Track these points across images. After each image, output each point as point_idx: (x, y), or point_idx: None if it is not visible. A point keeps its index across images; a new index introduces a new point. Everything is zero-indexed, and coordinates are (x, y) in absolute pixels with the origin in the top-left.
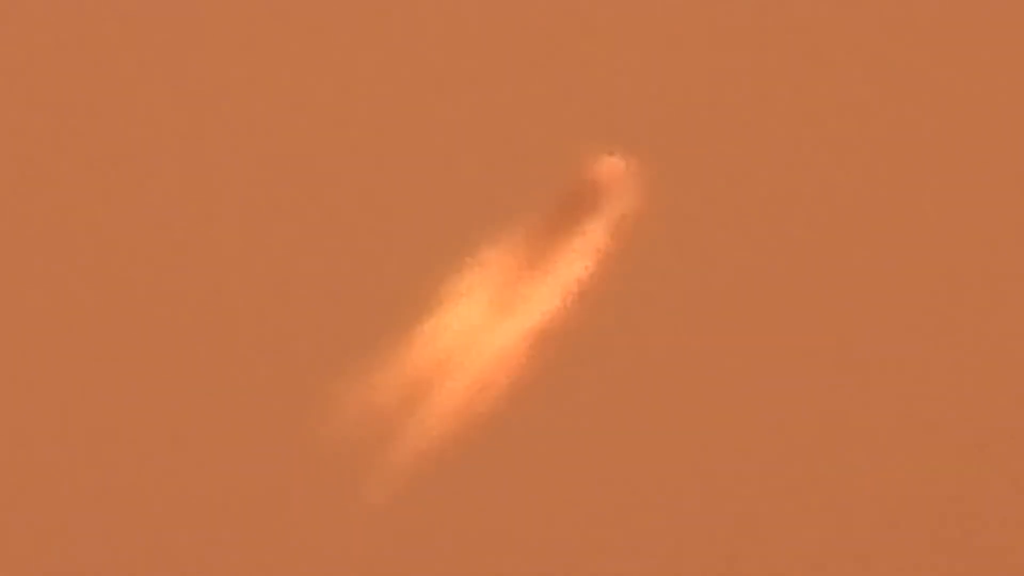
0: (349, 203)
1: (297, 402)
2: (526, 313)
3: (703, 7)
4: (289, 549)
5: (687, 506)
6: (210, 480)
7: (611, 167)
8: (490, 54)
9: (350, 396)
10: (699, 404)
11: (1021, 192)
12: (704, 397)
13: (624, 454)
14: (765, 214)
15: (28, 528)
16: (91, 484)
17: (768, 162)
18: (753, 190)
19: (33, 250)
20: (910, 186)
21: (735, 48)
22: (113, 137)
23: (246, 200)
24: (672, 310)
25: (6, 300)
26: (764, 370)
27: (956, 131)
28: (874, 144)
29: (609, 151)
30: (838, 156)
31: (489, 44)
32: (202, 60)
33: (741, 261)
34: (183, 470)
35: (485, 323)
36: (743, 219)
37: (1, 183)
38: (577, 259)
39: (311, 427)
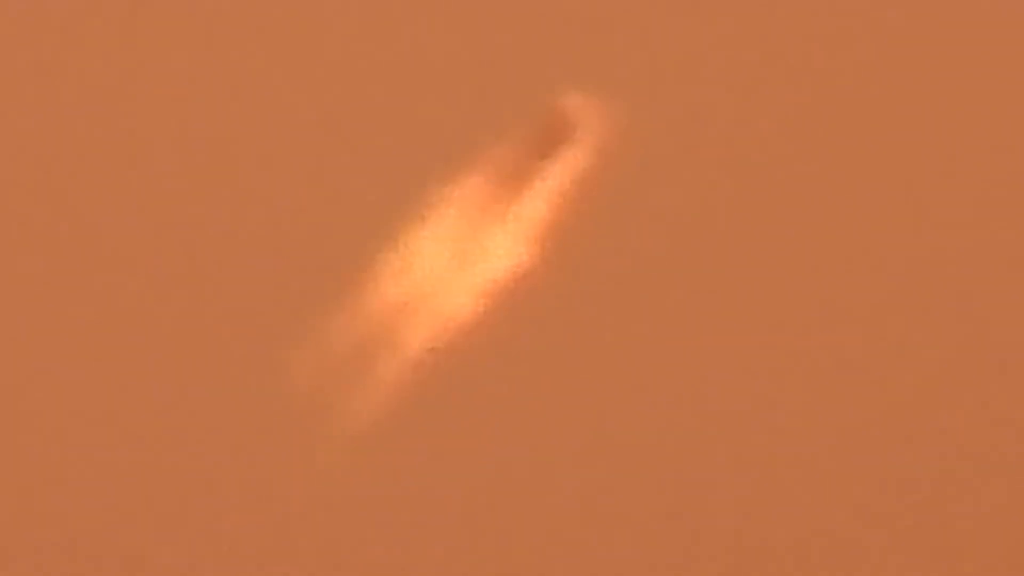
0: (312, 146)
1: (260, 349)
2: (489, 254)
3: None
4: (255, 496)
5: (646, 443)
6: (175, 429)
7: (577, 104)
8: None
9: (312, 343)
10: (662, 345)
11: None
12: (669, 340)
13: (586, 397)
14: (734, 153)
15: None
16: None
17: (738, 100)
18: (723, 128)
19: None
20: (884, 125)
21: None
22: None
23: (207, 140)
24: (637, 249)
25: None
26: (730, 312)
27: (945, 80)
28: (841, 76)
29: (576, 88)
30: (811, 90)
31: None
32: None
33: (709, 202)
34: (152, 419)
35: (448, 264)
36: (711, 159)
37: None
38: (541, 198)
39: (274, 374)
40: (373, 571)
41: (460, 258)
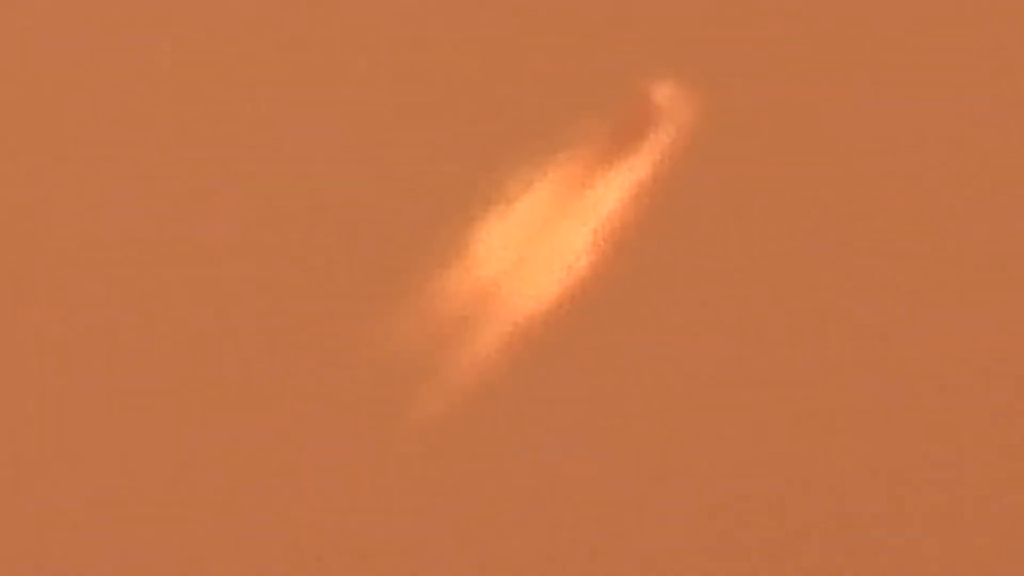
0: (392, 131)
1: (333, 343)
2: (567, 247)
3: None
4: (341, 469)
5: (719, 439)
6: (258, 404)
7: (663, 94)
8: None
9: (383, 336)
10: (738, 342)
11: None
12: (745, 338)
13: (658, 396)
14: (816, 145)
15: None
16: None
17: (824, 93)
18: (804, 120)
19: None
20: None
21: None
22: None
23: (281, 126)
24: (717, 242)
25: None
26: (809, 312)
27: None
28: (939, 74)
29: (661, 78)
30: (902, 86)
31: None
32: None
33: (788, 197)
34: (229, 397)
35: (526, 256)
36: (794, 153)
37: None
38: (622, 190)
39: (361, 349)
40: (446, 556)
41: (538, 250)
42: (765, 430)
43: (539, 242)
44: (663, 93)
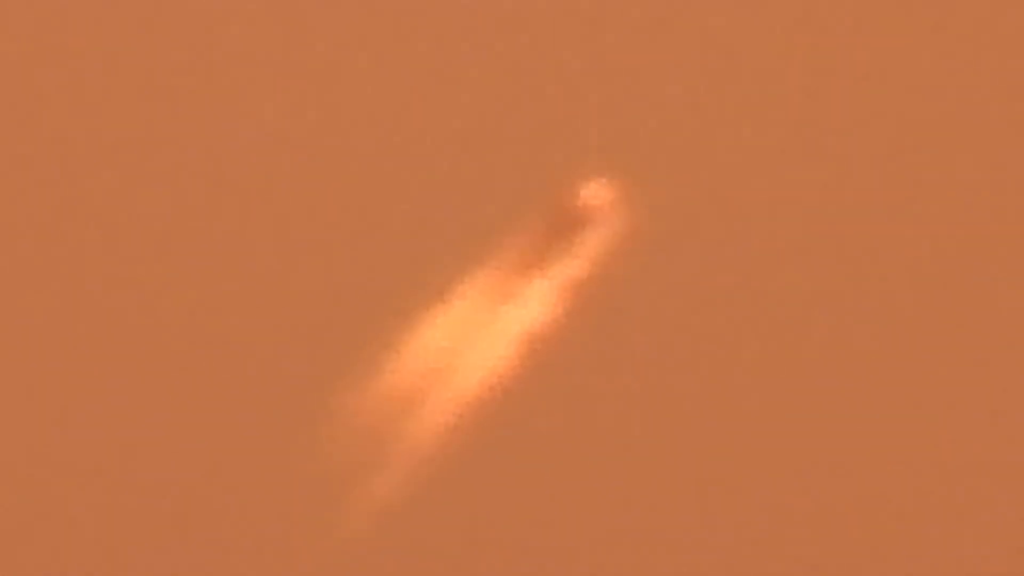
0: (341, 212)
1: (285, 424)
2: (499, 341)
3: (697, 27)
4: (284, 558)
5: (679, 511)
6: (200, 491)
7: (598, 190)
8: (486, 68)
9: (341, 406)
10: (685, 420)
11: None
12: (690, 415)
13: (616, 462)
14: (756, 237)
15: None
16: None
17: (760, 186)
18: (744, 213)
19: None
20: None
21: (729, 68)
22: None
23: (238, 207)
24: (657, 334)
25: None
26: (748, 388)
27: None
28: (876, 165)
29: (598, 174)
30: (837, 184)
31: (486, 59)
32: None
33: (729, 286)
34: (172, 480)
35: (460, 347)
36: (732, 243)
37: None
38: (559, 281)
39: (303, 435)
40: None
41: (471, 342)
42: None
43: (469, 341)
44: (595, 191)
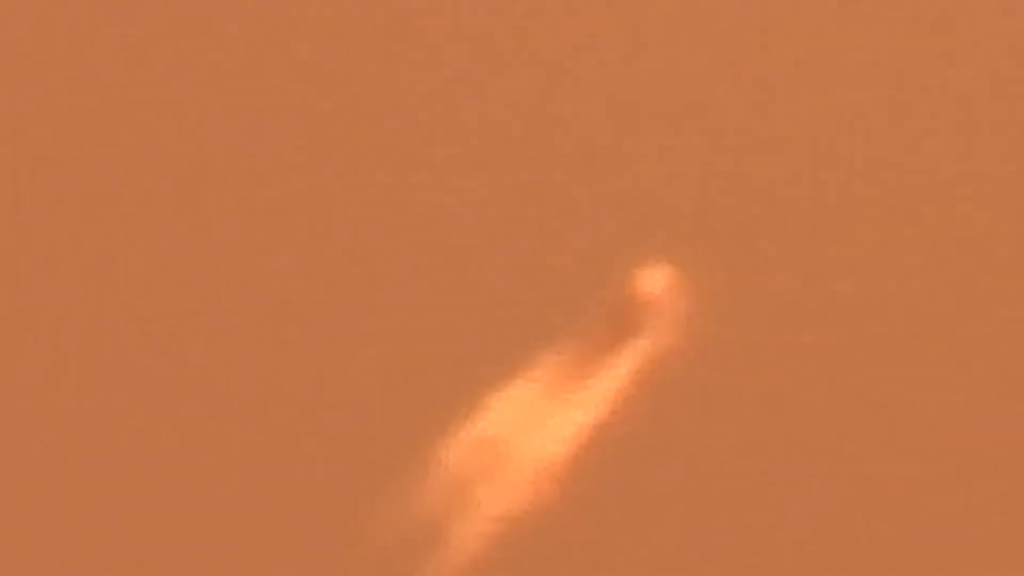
0: (396, 309)
1: (340, 515)
2: (570, 423)
3: (754, 116)
4: None
5: None
6: None
7: (655, 279)
8: (540, 164)
9: (396, 501)
10: (751, 513)
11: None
12: (761, 507)
13: (669, 560)
14: (812, 322)
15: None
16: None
17: (815, 270)
18: (799, 297)
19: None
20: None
21: (782, 158)
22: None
23: (286, 302)
24: (717, 422)
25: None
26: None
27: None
28: (935, 250)
29: (654, 263)
30: (888, 266)
31: (539, 154)
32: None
33: (788, 374)
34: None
35: (523, 437)
36: (791, 329)
37: (1, 183)
38: (621, 372)
39: (353, 539)
40: None
41: (535, 432)
42: None
43: (536, 426)
44: (656, 279)
